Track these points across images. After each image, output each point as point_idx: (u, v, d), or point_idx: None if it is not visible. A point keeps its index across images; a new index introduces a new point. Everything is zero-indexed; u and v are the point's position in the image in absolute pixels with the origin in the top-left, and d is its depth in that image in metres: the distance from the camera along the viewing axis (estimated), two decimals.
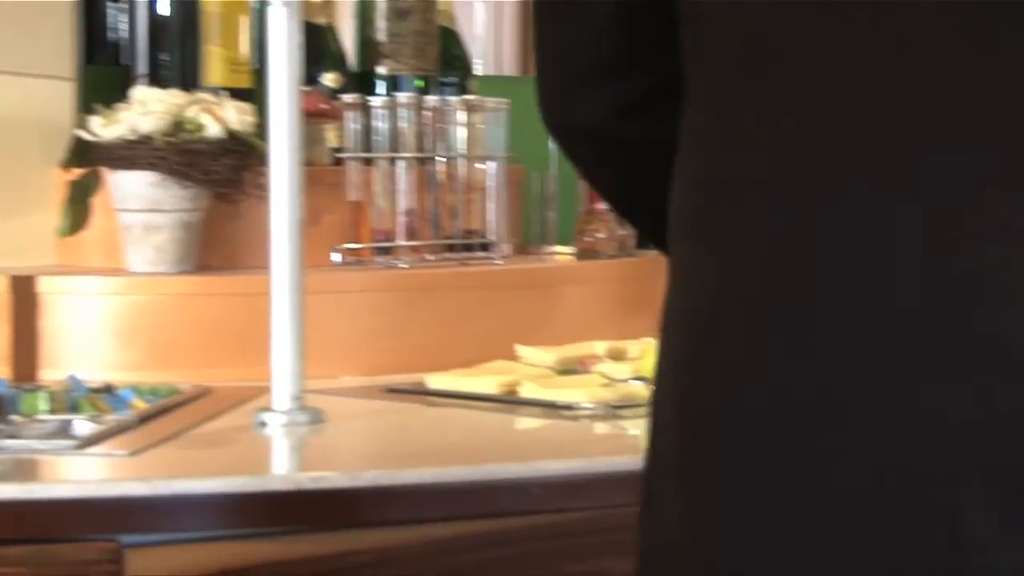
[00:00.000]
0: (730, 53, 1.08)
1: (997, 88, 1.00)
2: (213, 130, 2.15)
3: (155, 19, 2.37)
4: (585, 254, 2.55)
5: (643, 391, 1.93)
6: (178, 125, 2.15)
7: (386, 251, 2.33)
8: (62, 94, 2.32)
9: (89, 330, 2.13)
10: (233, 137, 2.16)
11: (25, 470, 1.59)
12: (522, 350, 2.16)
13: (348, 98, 2.34)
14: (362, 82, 2.49)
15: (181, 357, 2.12)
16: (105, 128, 2.16)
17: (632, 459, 1.66)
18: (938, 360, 0.99)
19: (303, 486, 1.54)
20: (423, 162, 2.37)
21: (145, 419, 1.80)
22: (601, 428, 1.85)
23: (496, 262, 2.39)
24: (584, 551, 1.62)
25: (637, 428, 1.87)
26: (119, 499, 1.50)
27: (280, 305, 1.80)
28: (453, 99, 2.41)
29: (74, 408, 1.80)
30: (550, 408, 1.91)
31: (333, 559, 1.52)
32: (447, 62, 2.58)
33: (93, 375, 1.99)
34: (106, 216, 2.20)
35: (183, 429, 1.77)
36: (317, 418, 1.81)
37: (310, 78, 2.39)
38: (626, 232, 2.57)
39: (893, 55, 1.02)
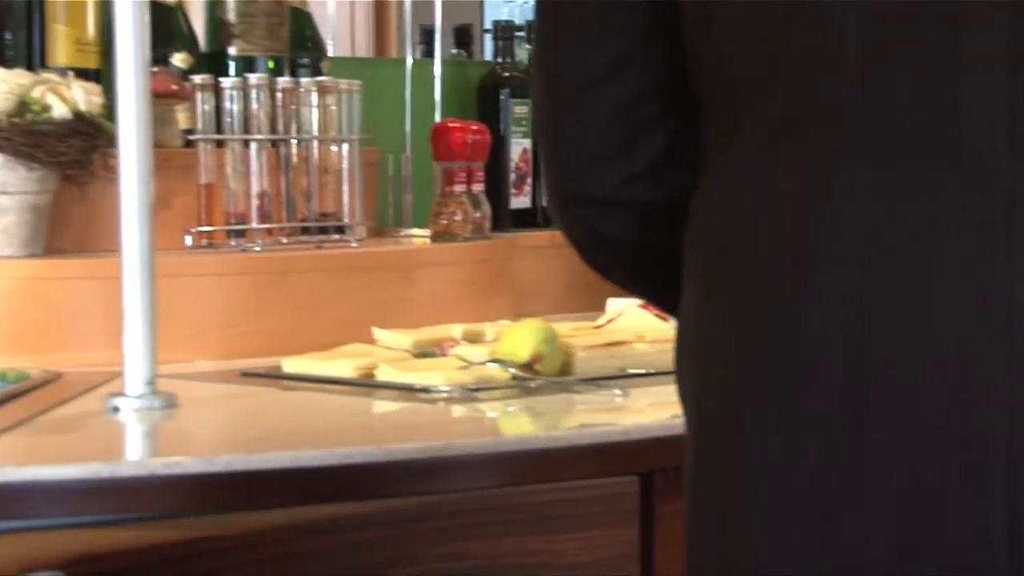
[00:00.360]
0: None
1: None
2: (60, 111, 2.11)
3: None
4: (441, 237, 2.55)
5: (500, 373, 1.93)
6: (23, 106, 2.11)
7: (239, 234, 2.30)
8: None
9: None
10: (80, 118, 2.13)
11: None
12: (378, 333, 2.15)
13: (199, 79, 2.31)
14: (213, 63, 2.46)
15: (30, 342, 2.08)
16: None
17: (489, 441, 1.66)
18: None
19: (156, 472, 1.52)
20: (276, 144, 2.35)
21: None
22: (458, 411, 1.84)
23: (351, 245, 2.38)
24: (441, 534, 1.62)
25: (494, 410, 1.87)
26: None
27: (131, 289, 1.77)
28: (306, 80, 2.39)
29: None
30: (407, 391, 1.90)
31: (188, 545, 1.50)
32: (299, 43, 2.56)
33: None
34: None
35: (33, 415, 1.74)
36: (170, 403, 1.79)
37: (160, 58, 2.35)
38: (481, 214, 2.57)
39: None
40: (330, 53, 2.74)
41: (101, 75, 2.27)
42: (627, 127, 1.20)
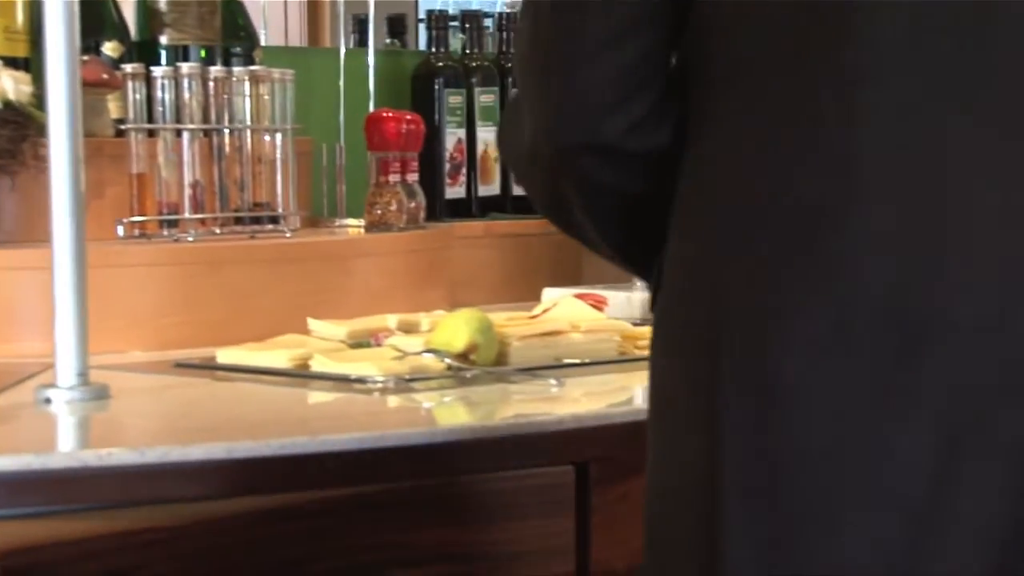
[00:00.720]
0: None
1: None
2: None
3: None
4: (375, 227, 2.54)
5: (435, 364, 1.92)
6: None
7: (172, 224, 2.29)
8: None
9: None
10: (10, 107, 2.11)
11: None
12: (313, 324, 2.14)
13: (130, 68, 2.29)
14: (144, 52, 2.44)
15: None
16: None
17: (424, 432, 1.66)
18: None
19: (89, 463, 1.51)
20: (209, 134, 2.34)
21: None
22: (393, 401, 1.84)
23: (285, 235, 2.37)
24: (376, 525, 1.62)
25: (429, 401, 1.87)
26: None
27: (62, 280, 1.76)
28: (238, 70, 2.38)
29: None
30: (342, 382, 1.90)
31: (122, 536, 1.49)
32: (231, 32, 2.55)
33: None
34: None
35: None
36: (103, 394, 1.78)
37: (90, 47, 2.33)
38: (416, 204, 2.56)
39: None
40: (263, 42, 2.73)
41: (31, 64, 2.25)
42: (634, 82, 1.28)
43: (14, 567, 1.46)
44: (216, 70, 2.35)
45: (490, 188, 2.85)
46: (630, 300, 2.34)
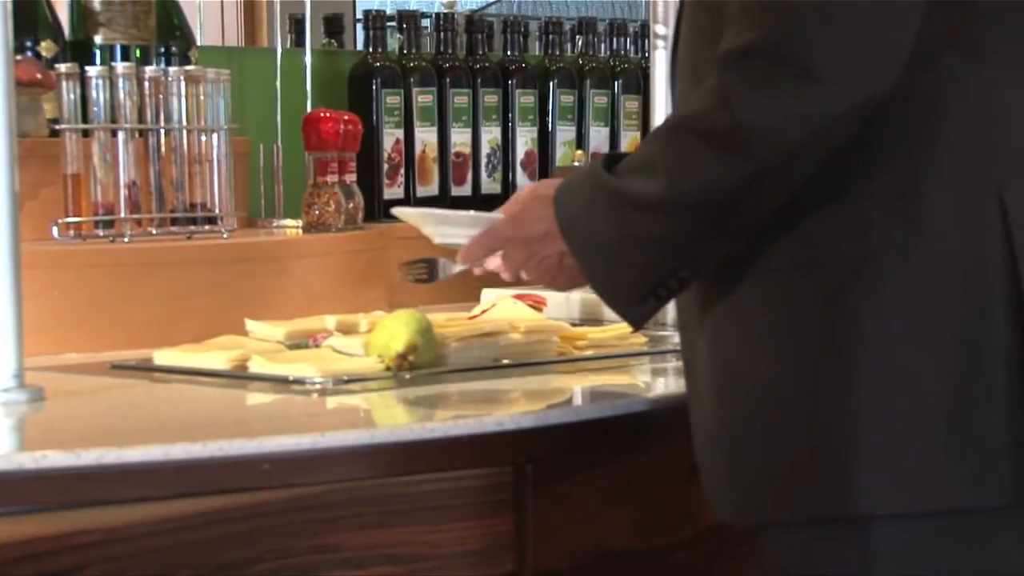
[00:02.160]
0: None
1: None
2: None
3: None
4: (313, 227, 2.53)
5: (374, 364, 1.92)
6: None
7: (108, 225, 2.28)
8: None
9: None
10: None
11: None
12: (251, 325, 2.13)
13: (64, 68, 2.28)
14: (78, 51, 2.43)
15: None
16: None
17: (363, 433, 1.65)
18: None
19: (24, 466, 1.49)
20: (144, 134, 2.32)
21: None
22: (332, 402, 1.83)
23: (222, 236, 2.36)
24: (314, 526, 1.61)
25: (368, 402, 1.86)
26: None
27: None
28: (173, 69, 2.37)
29: None
30: (280, 383, 1.89)
31: (58, 539, 1.48)
32: (167, 32, 2.53)
33: None
34: None
35: None
36: (38, 396, 1.76)
37: (23, 47, 2.31)
38: (354, 205, 2.55)
39: None
40: (199, 42, 2.71)
41: None
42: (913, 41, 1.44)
43: None
44: (151, 70, 2.34)
45: (428, 188, 2.85)
46: (568, 301, 2.34)
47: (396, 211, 1.83)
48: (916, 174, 1.46)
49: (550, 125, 3.06)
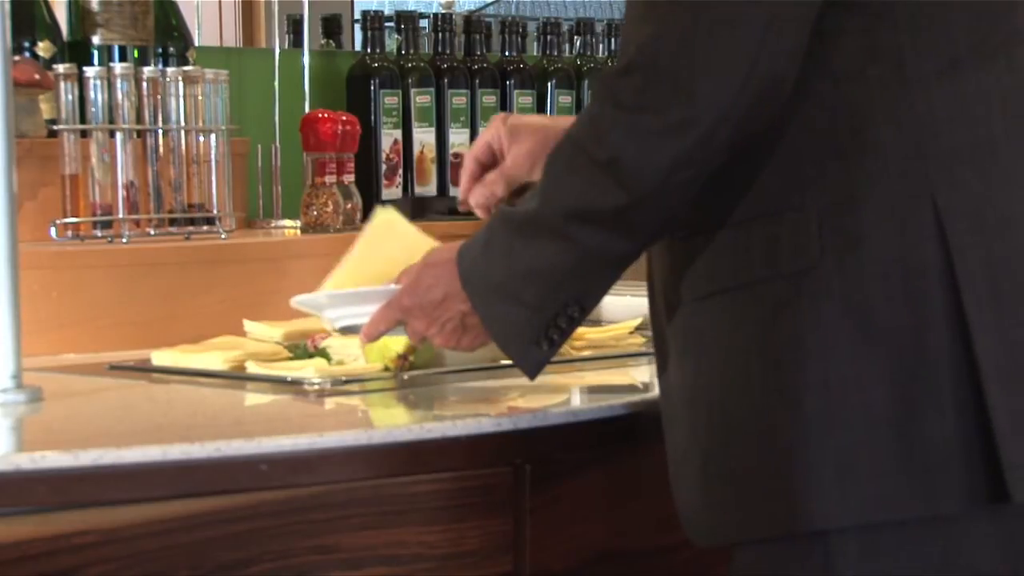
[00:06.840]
0: None
1: None
2: None
3: None
4: (311, 228, 2.53)
5: (372, 365, 1.92)
6: None
7: (106, 225, 2.28)
8: None
9: None
10: None
11: None
12: (249, 325, 2.13)
13: (62, 68, 2.28)
14: (76, 52, 2.43)
15: None
16: None
17: (361, 433, 1.65)
18: None
19: (22, 467, 1.49)
20: (142, 135, 2.32)
21: None
22: (330, 403, 1.83)
23: (220, 236, 2.36)
24: (313, 527, 1.61)
25: (366, 402, 1.86)
26: None
27: None
28: (172, 70, 2.37)
29: None
30: (278, 384, 1.89)
31: (56, 540, 1.48)
32: (165, 32, 2.53)
33: None
34: None
35: None
36: (36, 396, 1.76)
37: (21, 47, 2.32)
38: (352, 205, 2.56)
39: None
40: (197, 43, 2.71)
41: None
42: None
43: None
44: (149, 70, 2.34)
45: (426, 189, 2.85)
46: None
47: (295, 302, 1.83)
48: (850, 185, 1.46)
49: None
